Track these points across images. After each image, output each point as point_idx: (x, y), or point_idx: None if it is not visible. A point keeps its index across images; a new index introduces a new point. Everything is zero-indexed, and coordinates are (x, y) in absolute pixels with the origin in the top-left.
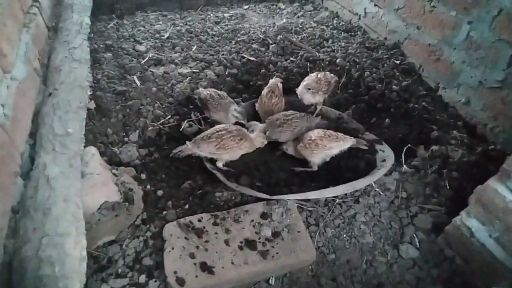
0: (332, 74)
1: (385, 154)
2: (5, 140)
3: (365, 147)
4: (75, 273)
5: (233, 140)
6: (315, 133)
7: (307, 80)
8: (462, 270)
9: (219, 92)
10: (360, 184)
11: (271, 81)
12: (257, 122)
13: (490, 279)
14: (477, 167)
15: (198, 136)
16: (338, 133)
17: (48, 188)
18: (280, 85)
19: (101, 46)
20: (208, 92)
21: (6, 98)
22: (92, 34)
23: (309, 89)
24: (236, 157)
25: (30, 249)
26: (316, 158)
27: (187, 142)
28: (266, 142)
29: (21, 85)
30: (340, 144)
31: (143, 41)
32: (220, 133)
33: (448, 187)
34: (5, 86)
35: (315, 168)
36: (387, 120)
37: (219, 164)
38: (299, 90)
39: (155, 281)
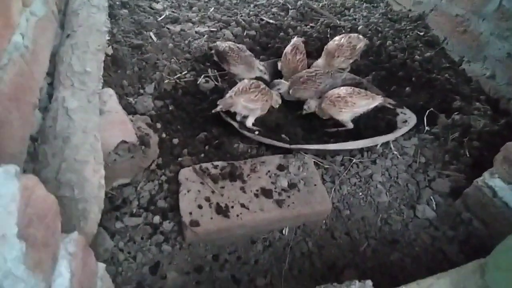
0: (360, 36)
1: (407, 116)
2: (25, 69)
3: (391, 106)
4: (94, 198)
5: (267, 90)
6: (342, 90)
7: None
8: (479, 233)
9: (238, 45)
10: (382, 139)
11: (293, 39)
12: (281, 80)
13: None
14: (500, 138)
15: (234, 90)
16: (366, 90)
17: (67, 118)
18: (302, 44)
19: (117, 3)
20: (227, 44)
21: (26, 29)
22: None
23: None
24: (265, 111)
25: (49, 172)
26: (344, 116)
27: (228, 95)
28: (280, 102)
29: (40, 21)
30: (369, 101)
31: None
32: (254, 84)
33: (468, 155)
34: (24, 18)
35: (350, 125)
36: (407, 88)
37: (249, 123)
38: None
39: (169, 222)
